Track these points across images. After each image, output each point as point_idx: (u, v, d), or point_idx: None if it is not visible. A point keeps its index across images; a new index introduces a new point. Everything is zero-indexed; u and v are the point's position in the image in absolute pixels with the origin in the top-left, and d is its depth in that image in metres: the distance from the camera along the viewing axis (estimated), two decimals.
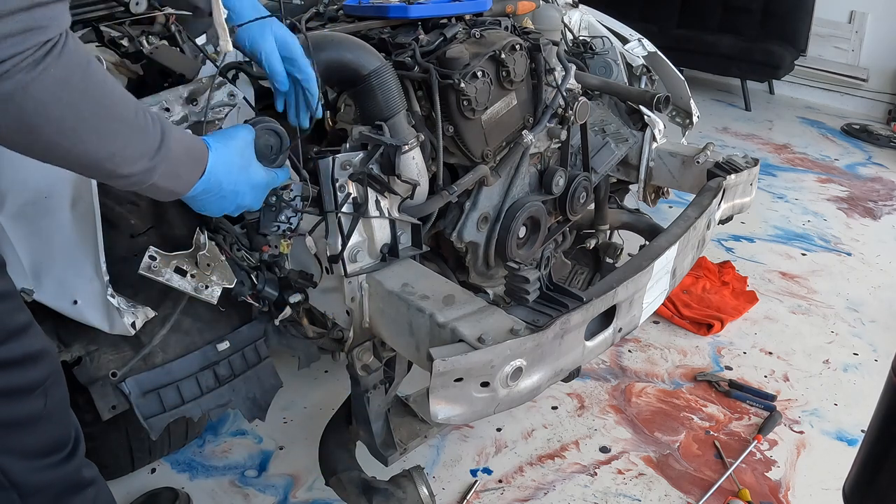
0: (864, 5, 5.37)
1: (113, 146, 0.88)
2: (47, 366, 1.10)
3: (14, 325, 1.04)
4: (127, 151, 0.89)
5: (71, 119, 0.83)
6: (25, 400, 1.06)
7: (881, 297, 3.03)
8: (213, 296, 1.36)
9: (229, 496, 1.91)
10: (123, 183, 0.93)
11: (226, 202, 1.11)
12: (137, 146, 0.90)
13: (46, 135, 0.82)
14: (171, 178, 0.97)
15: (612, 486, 1.98)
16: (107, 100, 0.86)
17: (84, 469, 1.18)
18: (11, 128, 0.80)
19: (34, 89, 0.78)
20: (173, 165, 0.96)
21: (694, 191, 2.05)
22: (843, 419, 2.28)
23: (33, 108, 0.79)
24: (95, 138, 0.86)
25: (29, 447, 1.08)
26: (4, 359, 1.02)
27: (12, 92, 0.76)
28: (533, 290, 1.35)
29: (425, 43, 1.61)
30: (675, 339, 2.67)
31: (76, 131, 0.84)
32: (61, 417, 1.14)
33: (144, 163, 0.91)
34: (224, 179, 1.07)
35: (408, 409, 1.81)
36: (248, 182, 1.14)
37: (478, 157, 1.66)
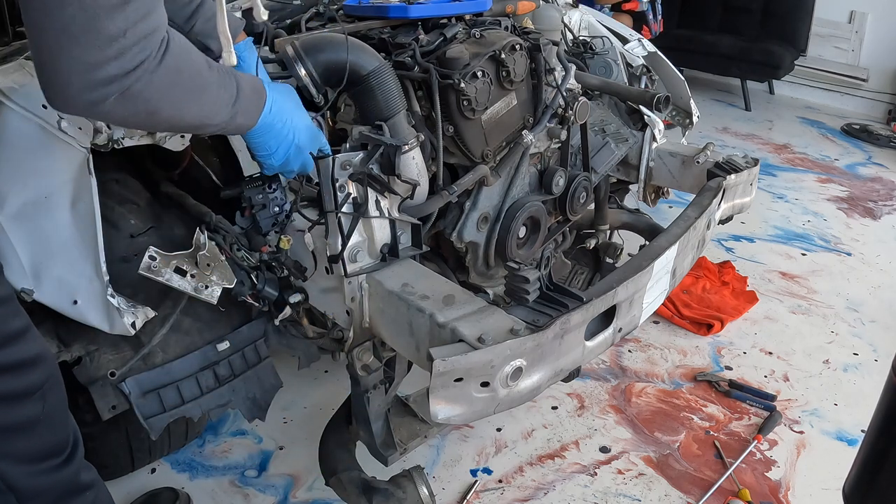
0: (864, 5, 5.37)
1: (208, 106, 1.05)
2: (44, 370, 1.09)
3: (11, 329, 1.04)
4: (217, 106, 1.06)
5: (180, 95, 0.98)
6: (23, 404, 1.06)
7: (881, 297, 3.03)
8: (213, 296, 1.36)
9: (229, 496, 1.91)
10: (213, 129, 1.12)
11: (284, 139, 1.25)
12: (223, 99, 1.07)
13: (164, 113, 0.97)
14: (245, 114, 1.14)
15: (612, 486, 1.98)
16: (196, 70, 1.00)
17: (83, 473, 1.18)
18: (139, 115, 0.94)
19: (156, 82, 0.92)
20: (246, 104, 1.13)
21: (694, 191, 2.05)
22: (843, 419, 2.28)
23: (157, 96, 0.93)
24: (197, 106, 1.02)
25: (27, 451, 1.08)
26: (2, 363, 1.02)
27: (142, 89, 0.90)
28: (533, 290, 1.35)
29: (425, 43, 1.61)
30: (675, 339, 2.67)
31: (184, 103, 0.99)
32: (59, 421, 1.14)
33: (228, 110, 1.09)
34: (283, 108, 1.23)
35: (408, 409, 1.81)
36: (302, 119, 1.29)
37: (478, 157, 1.66)
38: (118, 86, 0.87)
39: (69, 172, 1.26)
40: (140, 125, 1.02)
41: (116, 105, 0.89)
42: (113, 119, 0.97)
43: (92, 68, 0.85)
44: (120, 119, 0.96)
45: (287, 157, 1.28)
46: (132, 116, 0.94)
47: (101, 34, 0.84)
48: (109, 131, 1.29)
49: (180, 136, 1.38)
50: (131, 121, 0.98)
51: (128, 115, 0.93)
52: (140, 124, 1.02)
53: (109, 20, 0.84)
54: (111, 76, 0.86)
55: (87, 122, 1.25)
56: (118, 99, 0.89)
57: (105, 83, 0.86)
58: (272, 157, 1.27)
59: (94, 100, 0.88)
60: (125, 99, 0.89)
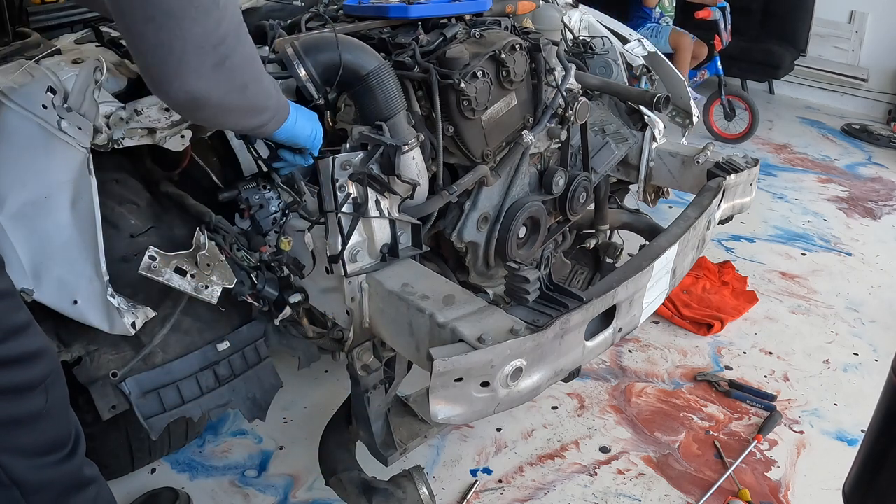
0: (864, 5, 5.37)
1: (268, 85, 1.15)
2: (47, 364, 1.10)
3: (13, 323, 1.04)
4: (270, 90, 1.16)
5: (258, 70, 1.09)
6: (26, 398, 1.06)
7: (881, 297, 3.03)
8: (213, 296, 1.36)
9: (229, 496, 1.91)
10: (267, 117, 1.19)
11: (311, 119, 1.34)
12: (271, 84, 1.17)
13: (252, 88, 1.08)
14: (284, 107, 1.23)
15: (612, 486, 1.98)
16: (256, 54, 1.10)
17: (85, 467, 1.18)
18: (234, 92, 1.04)
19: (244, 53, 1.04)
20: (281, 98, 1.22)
21: (694, 191, 2.05)
22: (843, 419, 2.28)
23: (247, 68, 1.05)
24: (264, 83, 1.13)
25: (30, 445, 1.08)
26: (4, 357, 1.02)
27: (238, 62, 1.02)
28: (533, 290, 1.35)
29: (425, 43, 1.61)
30: (675, 339, 2.67)
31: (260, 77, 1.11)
32: (62, 416, 1.14)
33: (276, 97, 1.19)
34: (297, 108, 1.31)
35: (408, 409, 1.81)
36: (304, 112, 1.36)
37: (478, 157, 1.66)
38: (220, 57, 0.97)
39: (69, 172, 1.26)
40: (232, 105, 1.06)
41: (222, 78, 1.00)
42: (217, 96, 1.02)
43: (204, 47, 0.95)
44: (220, 95, 1.02)
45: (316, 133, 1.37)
46: (229, 93, 1.03)
47: (210, 16, 0.94)
48: (109, 131, 1.29)
49: (180, 135, 1.38)
50: (228, 98, 1.04)
51: (228, 90, 1.02)
52: (232, 104, 1.06)
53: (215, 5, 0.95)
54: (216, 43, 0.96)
55: (87, 122, 1.25)
56: (221, 70, 0.99)
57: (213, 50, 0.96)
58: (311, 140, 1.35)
59: (207, 71, 0.97)
60: (226, 70, 0.99)
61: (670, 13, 4.86)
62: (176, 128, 1.35)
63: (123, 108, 1.30)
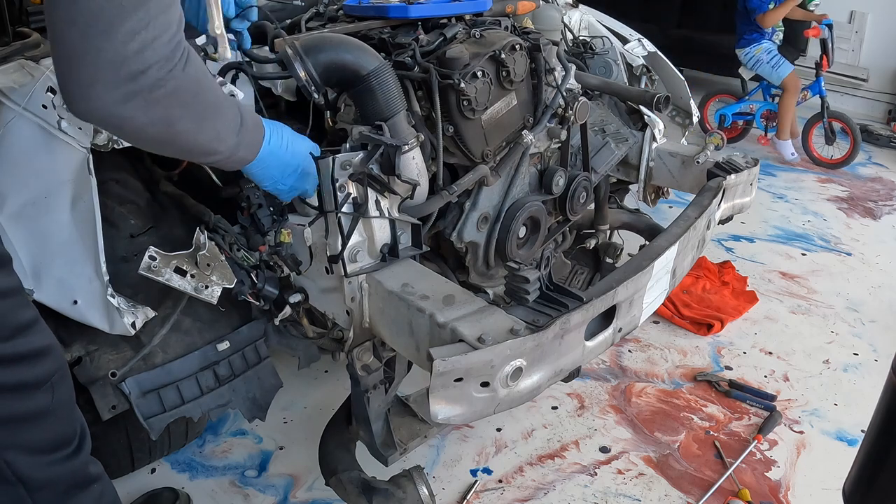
0: (864, 5, 5.38)
1: (221, 127, 1.03)
2: (53, 361, 1.10)
3: (20, 321, 1.04)
4: (227, 130, 1.04)
5: (199, 109, 0.96)
6: (32, 395, 1.06)
7: (881, 297, 3.03)
8: (213, 296, 1.36)
9: (229, 496, 1.91)
10: (218, 158, 1.06)
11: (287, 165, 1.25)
12: (231, 123, 1.05)
13: (182, 125, 0.94)
14: (248, 146, 1.12)
15: (612, 486, 1.98)
16: (212, 86, 0.99)
17: (90, 465, 1.18)
18: (157, 125, 0.92)
19: (180, 88, 0.90)
20: (247, 136, 1.11)
21: (694, 191, 2.05)
22: (843, 419, 2.28)
23: (178, 104, 0.92)
24: (211, 124, 1.00)
25: (36, 442, 1.08)
26: (11, 354, 1.02)
27: (167, 94, 0.89)
28: (533, 290, 1.35)
29: (425, 43, 1.61)
30: (675, 339, 2.67)
31: (202, 118, 0.97)
32: (68, 413, 1.14)
33: (234, 137, 1.06)
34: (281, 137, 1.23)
35: (408, 409, 1.81)
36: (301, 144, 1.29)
37: (478, 157, 1.66)
38: (141, 84, 0.86)
39: (69, 172, 1.26)
40: (154, 138, 0.95)
41: (139, 108, 0.88)
42: (131, 126, 0.91)
43: (117, 64, 0.83)
44: (138, 127, 0.91)
45: (294, 183, 1.30)
46: (151, 125, 0.91)
47: (124, 26, 0.82)
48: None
49: None
50: (149, 130, 0.92)
51: (147, 122, 0.90)
52: (155, 137, 0.95)
53: (133, 12, 0.83)
54: (134, 72, 0.85)
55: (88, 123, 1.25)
56: (142, 101, 0.87)
57: (128, 80, 0.85)
58: (279, 184, 1.28)
59: (118, 98, 0.86)
60: (148, 103, 0.88)
61: (781, 28, 4.72)
62: None
63: None
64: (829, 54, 4.54)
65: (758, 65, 4.54)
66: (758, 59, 4.52)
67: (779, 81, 4.51)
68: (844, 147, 4.48)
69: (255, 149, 1.16)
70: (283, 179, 1.27)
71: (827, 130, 4.49)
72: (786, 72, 4.48)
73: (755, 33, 4.55)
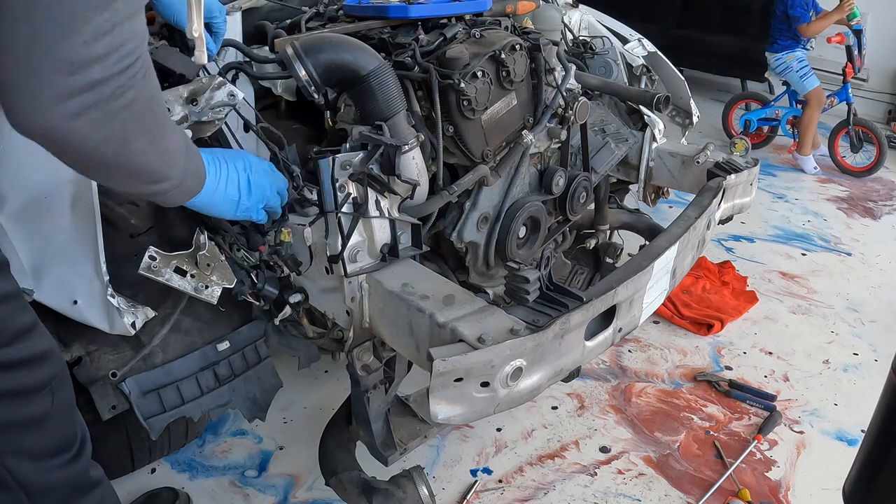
0: (864, 5, 5.37)
1: (172, 148, 0.92)
2: (53, 366, 1.09)
3: (19, 325, 1.03)
4: (177, 152, 0.94)
5: (154, 127, 0.86)
6: (32, 400, 1.06)
7: (881, 297, 3.03)
8: (213, 296, 1.36)
9: (229, 496, 1.91)
10: (166, 187, 0.95)
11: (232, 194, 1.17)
12: (180, 144, 0.95)
13: (137, 144, 0.84)
14: (195, 173, 1.03)
15: (612, 486, 1.98)
16: (161, 101, 0.89)
17: (91, 469, 1.17)
18: (111, 142, 0.80)
19: (138, 102, 0.80)
20: (195, 160, 1.02)
21: (694, 191, 2.05)
22: (843, 419, 2.28)
23: (135, 119, 0.81)
24: (162, 145, 0.89)
25: (36, 448, 1.08)
26: (10, 360, 1.01)
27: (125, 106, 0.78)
28: (533, 290, 1.35)
29: (425, 43, 1.61)
30: (675, 339, 2.67)
31: (156, 137, 0.87)
32: (68, 417, 1.14)
33: (183, 161, 0.96)
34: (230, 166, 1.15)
35: (408, 409, 1.81)
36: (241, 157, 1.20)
37: (478, 157, 1.66)
38: (100, 94, 0.74)
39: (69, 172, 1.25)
40: (104, 159, 0.82)
41: (95, 123, 0.76)
42: (81, 144, 0.78)
43: (75, 68, 0.72)
44: (90, 145, 0.78)
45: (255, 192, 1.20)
46: (105, 143, 0.79)
47: (88, 25, 0.71)
48: None
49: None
50: (100, 150, 0.80)
51: (102, 139, 0.78)
52: (105, 158, 0.82)
53: (99, 11, 0.71)
54: (94, 80, 0.73)
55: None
56: (99, 114, 0.75)
57: (87, 88, 0.73)
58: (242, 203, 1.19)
59: (71, 111, 0.73)
60: (105, 117, 0.76)
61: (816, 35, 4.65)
62: None
63: None
64: (854, 61, 4.49)
65: (787, 71, 4.51)
66: (788, 65, 4.48)
67: (804, 92, 4.47)
68: (869, 154, 4.45)
69: (201, 176, 1.06)
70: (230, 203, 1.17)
71: (853, 138, 4.46)
72: (812, 84, 4.44)
73: (790, 40, 4.50)
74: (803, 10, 4.39)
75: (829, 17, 4.34)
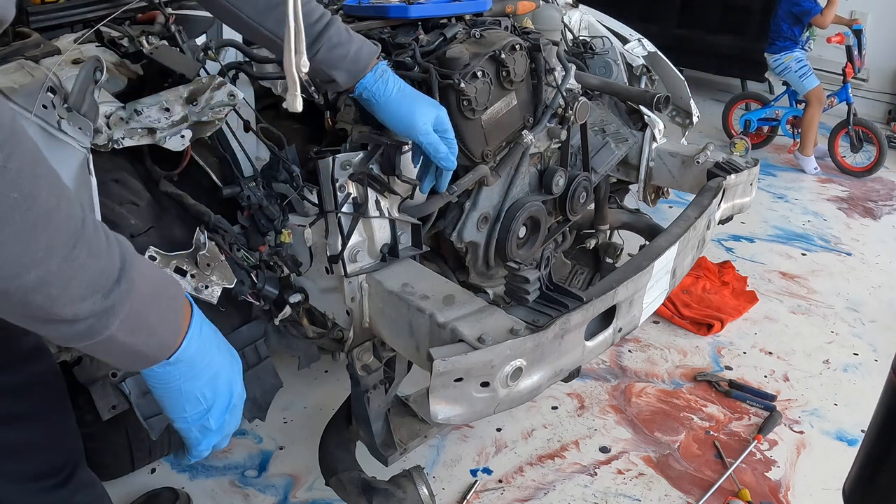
0: (864, 5, 5.38)
1: (46, 267, 0.58)
2: (47, 392, 1.07)
3: (21, 349, 1.01)
4: (68, 277, 0.59)
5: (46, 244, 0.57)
6: (22, 426, 1.04)
7: (881, 297, 3.03)
8: (213, 296, 1.36)
9: (229, 496, 1.91)
10: (66, 332, 0.62)
11: (213, 391, 0.79)
12: (85, 271, 0.61)
13: (9, 274, 0.56)
14: (137, 329, 0.67)
15: (612, 486, 1.98)
16: (37, 191, 0.57)
17: (78, 495, 1.14)
18: None
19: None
20: (142, 308, 0.66)
21: (694, 191, 2.05)
22: (843, 419, 2.28)
23: None
24: (16, 249, 0.56)
25: (22, 472, 1.06)
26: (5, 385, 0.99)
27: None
28: (533, 290, 1.34)
29: (425, 43, 1.61)
30: (675, 339, 2.67)
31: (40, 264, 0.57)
32: (60, 442, 1.12)
33: (97, 300, 0.62)
34: (215, 344, 0.78)
35: (408, 409, 1.81)
36: (237, 361, 0.87)
37: (478, 157, 1.66)
38: None
39: (69, 172, 1.26)
40: None
41: None
42: None
43: None
44: None
45: (227, 420, 0.84)
46: None
47: None
48: (109, 131, 1.29)
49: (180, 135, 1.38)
50: None
51: None
52: None
53: None
54: None
55: (88, 123, 1.25)
56: None
57: None
58: (206, 418, 0.80)
59: None
60: None
61: (815, 36, 4.69)
62: (176, 128, 1.35)
63: (123, 108, 1.30)
64: (854, 61, 4.50)
65: (786, 72, 4.52)
66: (786, 66, 4.50)
67: (803, 92, 4.48)
68: (869, 154, 4.45)
69: (162, 342, 0.71)
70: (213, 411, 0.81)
71: (853, 138, 4.46)
72: (811, 84, 4.45)
73: (789, 41, 4.51)
74: (812, 2, 4.39)
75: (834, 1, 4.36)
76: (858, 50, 4.50)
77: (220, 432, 0.83)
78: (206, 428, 0.80)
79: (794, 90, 4.62)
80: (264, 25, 1.14)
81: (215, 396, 0.79)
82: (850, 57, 4.50)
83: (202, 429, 0.80)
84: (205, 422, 0.79)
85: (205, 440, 0.82)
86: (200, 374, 0.75)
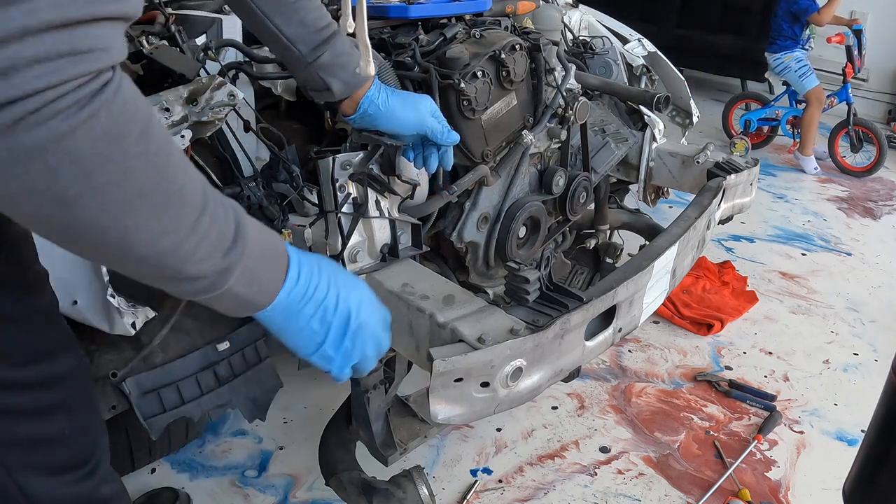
0: (864, 5, 5.38)
1: (178, 235, 0.65)
2: (77, 384, 1.07)
3: (48, 344, 1.01)
4: (195, 242, 0.66)
5: (123, 190, 0.60)
6: (52, 418, 1.04)
7: (881, 297, 3.03)
8: None
9: (229, 496, 1.91)
10: (189, 288, 0.70)
11: (335, 318, 0.85)
12: (208, 237, 0.68)
13: (86, 211, 0.59)
14: (249, 282, 0.74)
15: (612, 486, 1.98)
16: (171, 170, 0.64)
17: (103, 486, 1.15)
18: (36, 198, 0.56)
19: (74, 143, 0.55)
20: (252, 264, 0.73)
21: (694, 191, 2.05)
22: (843, 419, 2.28)
23: (71, 170, 0.55)
24: (155, 222, 0.63)
25: (50, 464, 1.06)
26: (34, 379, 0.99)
27: (42, 144, 0.53)
28: (533, 290, 1.35)
29: (425, 43, 1.61)
30: (675, 339, 2.67)
31: (129, 209, 0.61)
32: (86, 435, 1.12)
33: (216, 260, 0.69)
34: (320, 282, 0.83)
35: (408, 409, 1.81)
36: (356, 288, 0.89)
37: (478, 157, 1.66)
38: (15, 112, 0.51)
39: None
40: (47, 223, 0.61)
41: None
42: None
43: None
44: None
45: (349, 346, 0.88)
46: (28, 198, 0.56)
47: None
48: None
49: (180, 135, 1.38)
50: (28, 207, 0.58)
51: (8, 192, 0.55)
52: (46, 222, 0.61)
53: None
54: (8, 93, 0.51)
55: None
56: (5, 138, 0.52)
57: None
58: (324, 349, 0.86)
59: None
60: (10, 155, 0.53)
61: (815, 35, 4.69)
62: (176, 128, 1.35)
63: None
64: (854, 61, 4.50)
65: (786, 72, 4.52)
66: (786, 66, 4.50)
67: (803, 92, 4.48)
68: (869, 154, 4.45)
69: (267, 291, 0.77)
70: (329, 341, 0.86)
71: (853, 138, 4.46)
72: (811, 84, 4.45)
73: (789, 41, 4.51)
74: (810, 1, 4.38)
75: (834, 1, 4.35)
76: (858, 50, 4.50)
77: (348, 357, 0.88)
78: (327, 356, 0.87)
79: (794, 90, 4.62)
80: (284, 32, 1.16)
81: (327, 329, 0.85)
82: (850, 57, 4.50)
83: (324, 358, 0.87)
84: (322, 352, 0.86)
85: (333, 367, 0.89)
86: (300, 314, 0.82)
